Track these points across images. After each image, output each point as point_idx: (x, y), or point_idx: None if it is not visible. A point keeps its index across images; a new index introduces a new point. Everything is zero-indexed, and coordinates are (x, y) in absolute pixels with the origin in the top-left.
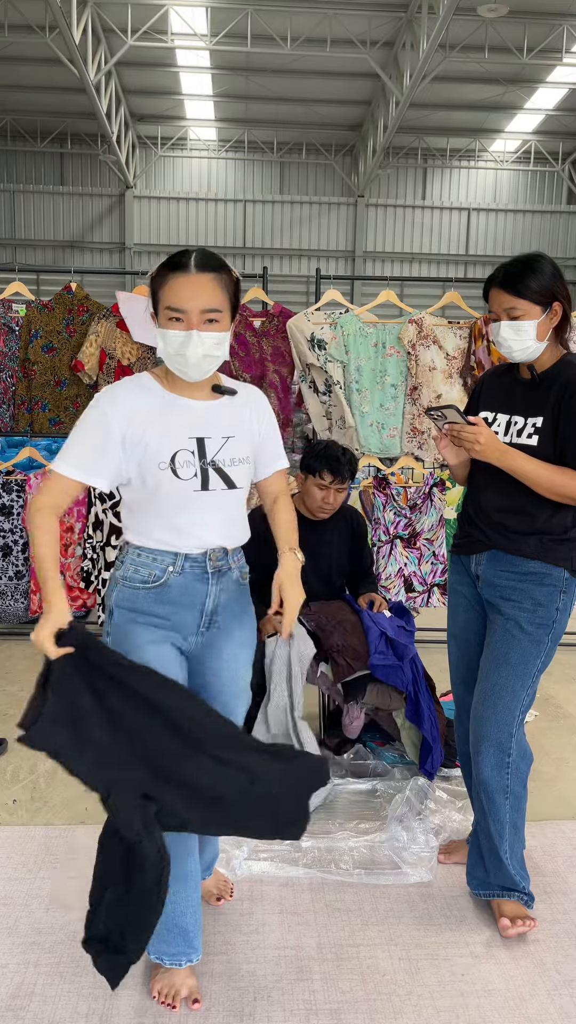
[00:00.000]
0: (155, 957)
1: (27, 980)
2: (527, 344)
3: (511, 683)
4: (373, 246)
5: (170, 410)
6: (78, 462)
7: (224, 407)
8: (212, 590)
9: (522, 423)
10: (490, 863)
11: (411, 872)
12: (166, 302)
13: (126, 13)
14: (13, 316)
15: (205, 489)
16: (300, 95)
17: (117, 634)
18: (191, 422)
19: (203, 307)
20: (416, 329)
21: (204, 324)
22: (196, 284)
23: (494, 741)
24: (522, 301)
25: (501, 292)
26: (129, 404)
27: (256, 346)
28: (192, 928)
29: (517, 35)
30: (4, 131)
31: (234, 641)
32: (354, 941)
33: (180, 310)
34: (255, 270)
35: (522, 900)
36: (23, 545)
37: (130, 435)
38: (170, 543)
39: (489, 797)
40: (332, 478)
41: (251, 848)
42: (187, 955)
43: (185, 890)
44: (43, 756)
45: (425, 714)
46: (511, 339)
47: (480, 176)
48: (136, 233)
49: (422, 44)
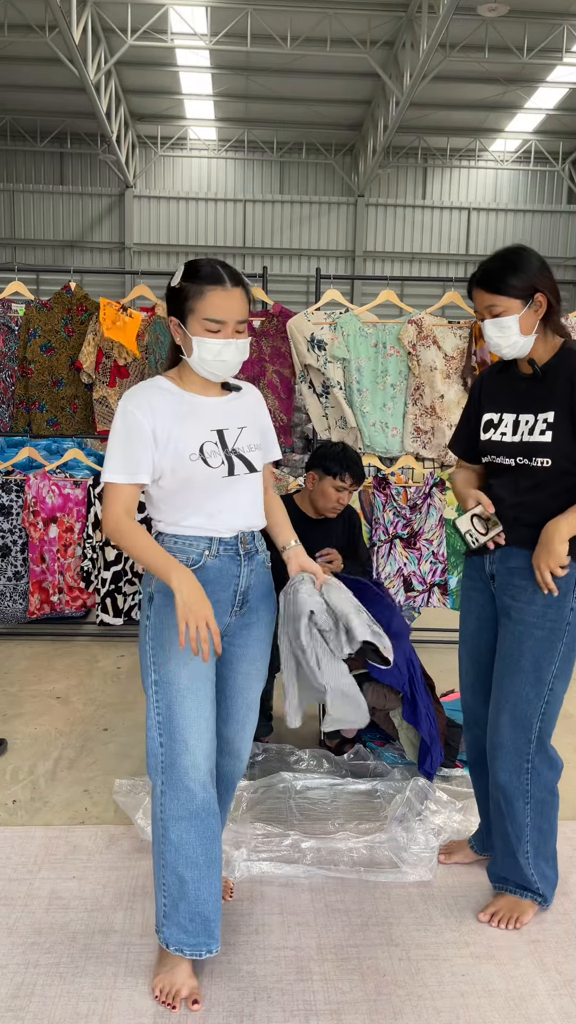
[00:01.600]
0: (175, 949)
1: (27, 980)
2: (513, 340)
3: (524, 691)
4: (373, 246)
5: (190, 408)
6: (123, 467)
7: (234, 401)
8: (244, 571)
9: (532, 420)
10: (504, 861)
11: (411, 872)
12: (204, 313)
13: (126, 13)
14: (12, 316)
15: (232, 475)
16: (300, 95)
17: (157, 616)
18: (210, 417)
19: (238, 319)
20: (416, 329)
21: (236, 333)
22: (233, 298)
23: (511, 748)
24: (500, 298)
25: (480, 291)
26: (155, 405)
27: (255, 346)
28: (213, 917)
29: (517, 35)
30: (4, 131)
31: (262, 621)
32: (354, 941)
33: (220, 321)
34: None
35: (535, 900)
36: (22, 545)
37: (159, 433)
38: (203, 527)
39: (507, 800)
40: (352, 481)
41: (251, 848)
42: (207, 946)
43: (209, 876)
44: (43, 756)
45: (423, 714)
46: (496, 336)
47: (480, 176)
48: (136, 233)
49: (422, 44)
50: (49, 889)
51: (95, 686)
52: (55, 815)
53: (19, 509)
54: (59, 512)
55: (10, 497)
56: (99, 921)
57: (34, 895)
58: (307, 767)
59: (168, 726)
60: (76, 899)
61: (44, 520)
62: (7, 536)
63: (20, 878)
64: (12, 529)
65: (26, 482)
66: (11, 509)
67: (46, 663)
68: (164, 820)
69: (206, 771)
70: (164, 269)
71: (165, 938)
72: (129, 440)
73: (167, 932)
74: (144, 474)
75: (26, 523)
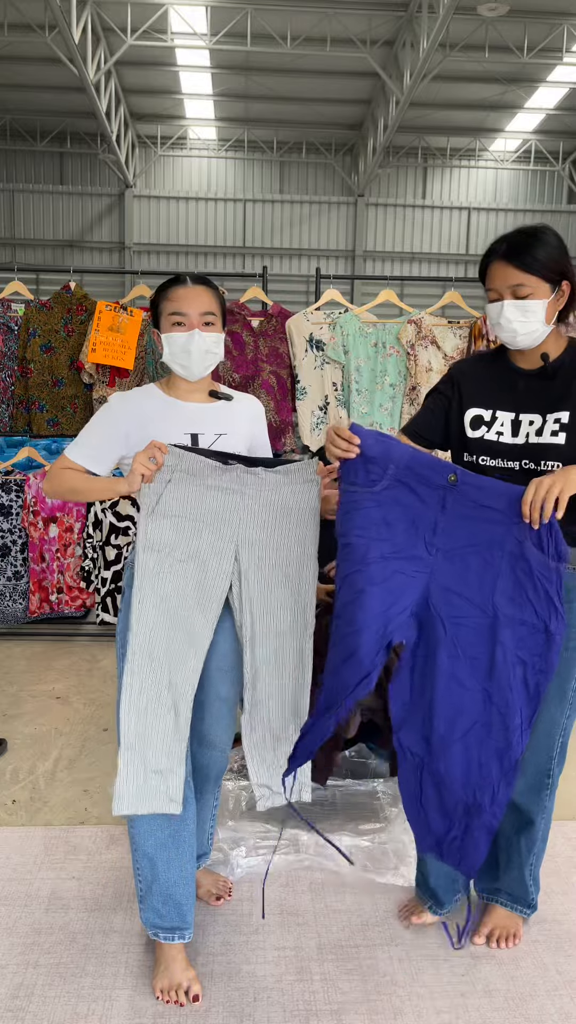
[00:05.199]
0: (152, 933)
1: (27, 980)
2: (534, 327)
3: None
4: (373, 246)
5: (168, 410)
6: (86, 452)
7: (218, 409)
8: None
9: (539, 421)
10: (507, 875)
11: (411, 873)
12: (169, 309)
13: (126, 12)
14: (12, 316)
15: None
16: (300, 94)
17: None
18: (186, 420)
19: (201, 311)
20: (415, 329)
21: (203, 326)
22: (194, 293)
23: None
24: (531, 277)
25: (507, 266)
26: (136, 406)
27: (252, 346)
28: (185, 902)
29: (517, 34)
30: (4, 131)
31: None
32: (354, 941)
33: (182, 314)
34: (255, 269)
35: (525, 914)
36: (22, 545)
37: (134, 432)
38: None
39: (525, 818)
40: None
41: (250, 847)
42: (181, 931)
43: (179, 858)
44: (43, 756)
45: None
46: (517, 321)
47: (480, 176)
48: (136, 232)
49: (422, 43)
50: (49, 889)
51: (95, 686)
52: (55, 815)
53: (19, 509)
54: (59, 512)
55: (10, 497)
56: (99, 921)
57: (34, 895)
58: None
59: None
60: (76, 899)
61: (44, 520)
62: (7, 536)
63: (20, 878)
64: (12, 529)
65: (26, 482)
66: (11, 509)
67: (46, 663)
68: None
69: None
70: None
71: (143, 920)
72: (102, 433)
73: (143, 915)
74: (99, 467)
75: (26, 523)
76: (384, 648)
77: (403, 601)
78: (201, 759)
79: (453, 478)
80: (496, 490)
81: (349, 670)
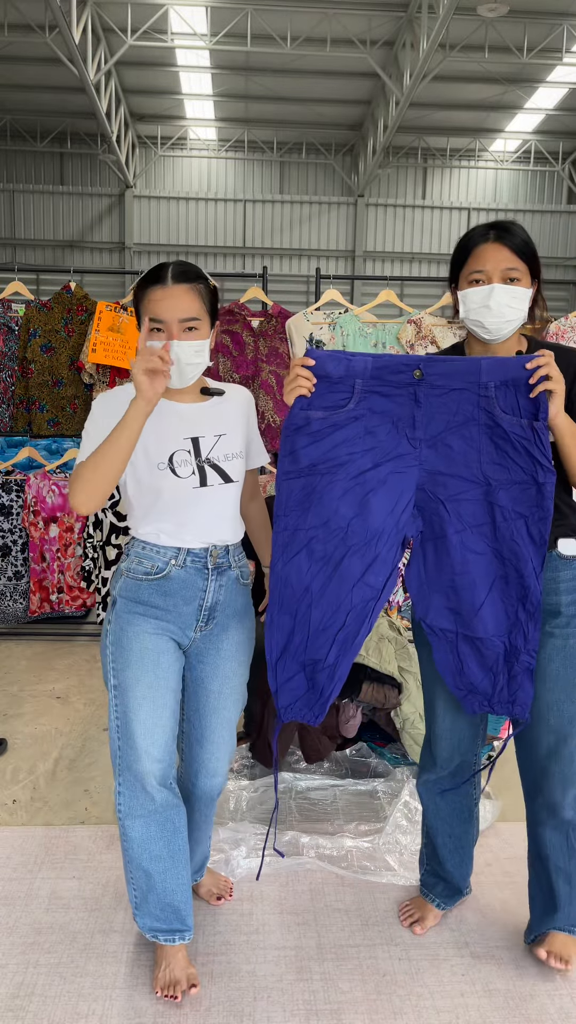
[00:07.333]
0: (151, 936)
1: (27, 980)
2: (520, 316)
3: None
4: (373, 246)
5: (163, 415)
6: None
7: (213, 407)
8: (211, 586)
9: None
10: (572, 908)
11: (411, 873)
12: (147, 314)
13: (126, 13)
14: (12, 316)
15: (204, 485)
16: (300, 95)
17: (118, 622)
18: (184, 424)
19: (180, 317)
20: (415, 329)
21: (183, 333)
22: (173, 295)
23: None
24: (522, 263)
25: (502, 248)
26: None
27: (252, 346)
28: (184, 907)
29: (517, 35)
30: (4, 131)
31: (232, 640)
32: (354, 941)
33: (160, 321)
34: (255, 270)
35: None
36: (22, 545)
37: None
38: (172, 537)
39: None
40: None
41: (250, 848)
42: (180, 933)
43: (175, 868)
44: (43, 756)
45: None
46: (506, 305)
47: (480, 176)
48: (136, 233)
49: (422, 44)
50: (49, 889)
51: (95, 686)
52: (55, 815)
53: (19, 509)
54: (59, 512)
55: (10, 497)
56: (99, 921)
57: (34, 895)
58: (307, 767)
59: (125, 731)
60: (76, 899)
61: (44, 520)
62: (7, 536)
63: (20, 878)
64: (12, 529)
65: (26, 482)
66: (11, 509)
67: (46, 663)
68: (123, 818)
69: (162, 775)
70: None
71: (140, 925)
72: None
73: (140, 920)
74: None
75: (26, 523)
76: (400, 544)
77: (404, 497)
78: (202, 787)
79: (418, 373)
80: (458, 370)
81: (374, 574)
